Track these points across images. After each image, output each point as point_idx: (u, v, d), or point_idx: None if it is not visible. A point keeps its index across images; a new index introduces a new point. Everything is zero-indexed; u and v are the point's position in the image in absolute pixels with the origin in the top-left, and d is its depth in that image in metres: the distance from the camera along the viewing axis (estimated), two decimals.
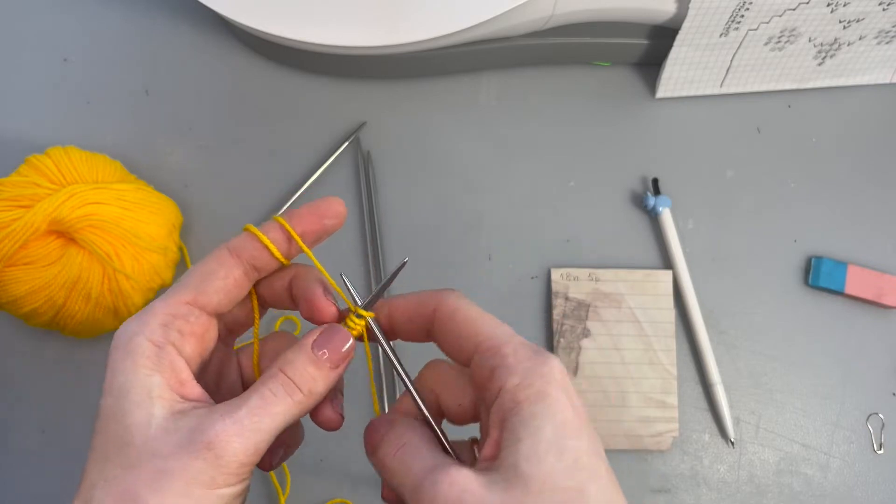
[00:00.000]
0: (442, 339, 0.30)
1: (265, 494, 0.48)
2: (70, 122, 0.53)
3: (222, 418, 0.27)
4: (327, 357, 0.30)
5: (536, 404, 0.26)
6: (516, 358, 0.27)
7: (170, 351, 0.29)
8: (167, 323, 0.29)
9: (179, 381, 0.28)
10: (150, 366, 0.28)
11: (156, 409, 0.27)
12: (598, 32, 0.52)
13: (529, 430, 0.26)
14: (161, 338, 0.29)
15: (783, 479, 0.49)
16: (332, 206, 0.32)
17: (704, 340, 0.50)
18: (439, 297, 0.30)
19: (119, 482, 0.26)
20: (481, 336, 0.29)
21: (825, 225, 0.53)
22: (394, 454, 0.29)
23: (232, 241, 0.31)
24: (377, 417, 0.31)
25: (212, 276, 0.30)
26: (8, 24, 0.55)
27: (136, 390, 0.27)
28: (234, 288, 0.31)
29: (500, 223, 0.53)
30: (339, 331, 0.30)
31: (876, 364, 0.51)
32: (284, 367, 0.29)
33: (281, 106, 0.54)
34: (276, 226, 0.31)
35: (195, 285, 0.30)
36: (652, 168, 0.54)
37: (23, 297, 0.44)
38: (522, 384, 0.27)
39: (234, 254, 0.31)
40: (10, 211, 0.43)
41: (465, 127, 0.54)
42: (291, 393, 0.29)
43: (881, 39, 0.53)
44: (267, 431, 0.28)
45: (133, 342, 0.28)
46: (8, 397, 0.49)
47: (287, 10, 0.48)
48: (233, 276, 0.31)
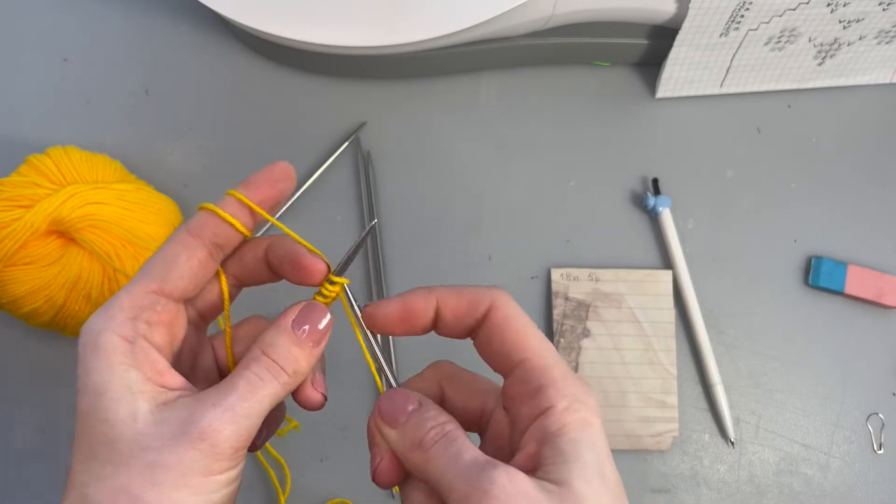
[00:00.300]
0: (486, 343, 0.30)
1: (265, 494, 0.48)
2: (70, 122, 0.53)
3: (214, 407, 0.27)
4: (307, 335, 0.29)
5: (582, 431, 0.26)
6: (565, 383, 0.27)
7: (142, 344, 0.28)
8: (135, 316, 0.28)
9: (157, 372, 0.28)
10: (125, 361, 0.27)
11: (139, 403, 0.27)
12: (598, 32, 0.52)
13: (577, 454, 0.26)
14: (130, 331, 0.28)
15: (783, 479, 0.49)
16: (282, 169, 0.32)
17: (704, 340, 0.50)
18: (492, 298, 0.29)
19: (112, 480, 0.26)
20: (530, 351, 0.28)
21: (825, 225, 0.53)
22: (433, 443, 0.27)
23: (190, 222, 0.31)
24: (398, 388, 0.30)
25: (174, 261, 0.30)
26: (8, 24, 0.55)
27: (114, 387, 0.27)
28: (199, 270, 0.30)
29: (500, 223, 0.53)
30: (316, 307, 0.30)
31: (876, 364, 0.51)
32: (267, 349, 0.29)
33: (281, 106, 0.54)
34: (232, 200, 0.31)
35: (158, 273, 0.29)
36: (652, 168, 0.54)
37: (23, 297, 0.44)
38: (570, 409, 0.27)
39: (194, 235, 0.30)
40: (10, 211, 0.43)
41: (465, 127, 0.54)
42: (277, 375, 0.29)
43: (881, 39, 0.53)
44: (257, 415, 0.28)
45: (102, 338, 0.28)
46: (8, 397, 0.49)
47: (287, 10, 0.48)
48: (196, 259, 0.30)
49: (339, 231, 0.52)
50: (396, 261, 0.51)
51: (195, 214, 0.31)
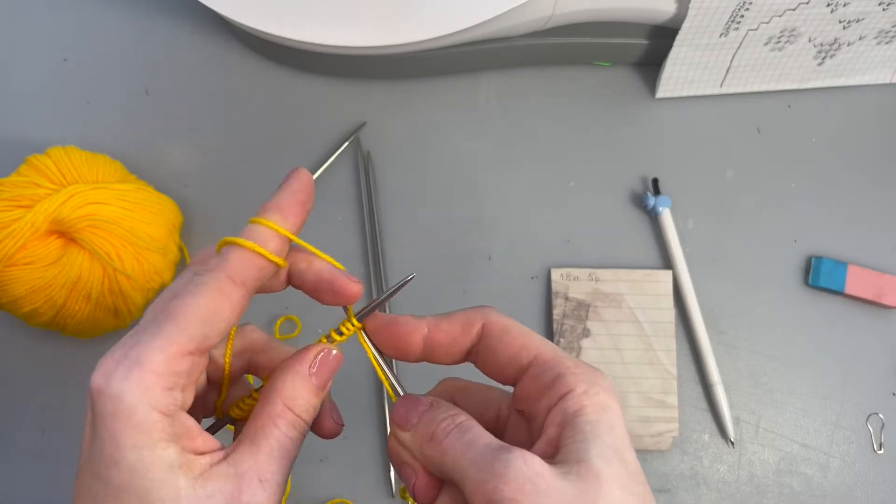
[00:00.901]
0: (491, 358, 0.30)
1: None
2: (70, 122, 0.53)
3: (261, 484, 0.26)
4: (321, 381, 0.30)
5: (601, 413, 0.26)
6: (579, 369, 0.28)
7: (181, 417, 0.26)
8: (173, 385, 0.25)
9: (191, 440, 0.26)
10: (164, 438, 0.25)
11: (180, 480, 0.25)
12: (598, 32, 0.52)
13: (597, 433, 0.26)
14: (170, 405, 0.25)
15: (783, 479, 0.49)
16: (304, 184, 0.30)
17: (704, 340, 0.50)
18: (483, 316, 0.30)
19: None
20: (538, 349, 0.29)
21: (825, 225, 0.53)
22: (446, 434, 0.27)
23: (231, 268, 0.27)
24: (407, 395, 0.30)
25: (217, 317, 0.26)
26: (8, 24, 0.55)
27: (156, 467, 0.25)
28: (236, 320, 0.28)
29: (500, 223, 0.53)
30: (333, 356, 0.30)
31: (876, 364, 0.51)
32: (289, 402, 0.28)
33: (281, 106, 0.54)
34: (271, 235, 0.28)
35: (198, 331, 0.26)
36: (652, 168, 0.54)
37: (23, 297, 0.44)
38: (588, 392, 0.27)
39: (239, 283, 0.27)
40: (11, 211, 0.43)
41: (465, 127, 0.54)
42: (300, 428, 0.29)
43: (881, 39, 0.53)
44: (289, 461, 0.28)
45: (139, 414, 0.25)
46: (8, 397, 0.49)
47: (287, 10, 0.48)
48: (239, 311, 0.27)
49: (339, 231, 0.52)
50: (396, 261, 0.51)
51: (229, 251, 0.27)
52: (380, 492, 0.48)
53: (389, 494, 0.48)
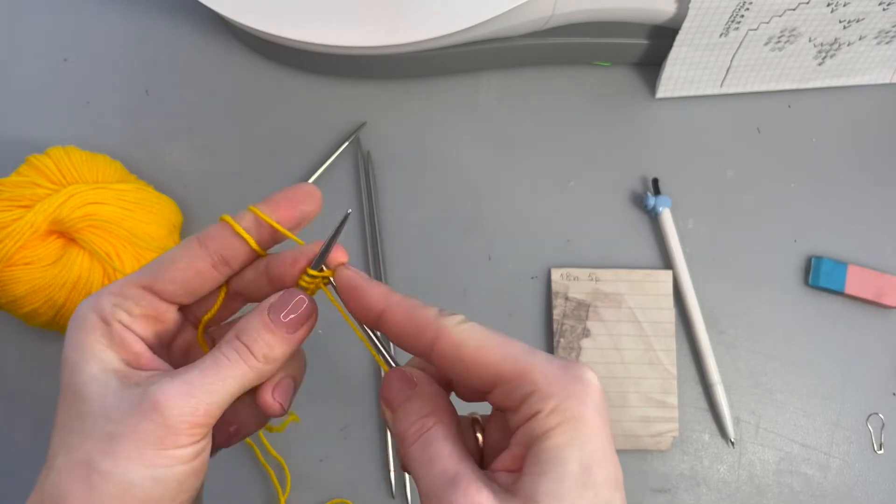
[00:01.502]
0: (448, 373, 0.28)
1: (265, 494, 0.48)
2: (70, 122, 0.53)
3: (171, 380, 0.27)
4: (284, 322, 0.29)
5: (567, 432, 0.25)
6: (547, 381, 0.26)
7: (118, 328, 0.29)
8: (116, 303, 0.29)
9: (134, 355, 0.29)
10: (102, 341, 0.28)
11: (111, 381, 0.28)
12: (598, 32, 0.52)
13: (555, 463, 0.25)
14: (109, 315, 0.29)
15: (783, 479, 0.49)
16: (307, 191, 0.31)
17: (704, 340, 0.50)
18: (436, 330, 0.28)
19: (76, 450, 0.27)
20: (500, 366, 0.26)
21: (825, 225, 0.53)
22: (413, 441, 0.27)
23: (203, 231, 0.31)
24: (395, 369, 0.30)
25: (172, 264, 0.30)
26: (8, 24, 0.55)
27: (91, 364, 0.28)
28: (193, 278, 0.30)
29: (500, 223, 0.53)
30: (293, 294, 0.30)
31: (876, 364, 0.51)
32: (239, 332, 0.29)
33: (281, 106, 0.54)
34: (250, 215, 0.31)
35: (153, 271, 0.30)
36: (652, 168, 0.54)
37: (23, 297, 0.44)
38: (557, 409, 0.25)
39: (202, 244, 0.30)
40: (11, 211, 0.43)
41: (465, 127, 0.54)
42: (245, 358, 0.29)
43: (881, 39, 0.53)
44: (218, 394, 0.28)
45: (86, 319, 0.29)
46: (8, 397, 0.49)
47: (287, 10, 0.48)
48: (194, 267, 0.30)
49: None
50: (396, 261, 0.51)
51: (215, 223, 0.31)
52: (380, 492, 0.48)
53: (389, 494, 0.48)
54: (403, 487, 0.47)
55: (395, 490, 0.47)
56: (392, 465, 0.48)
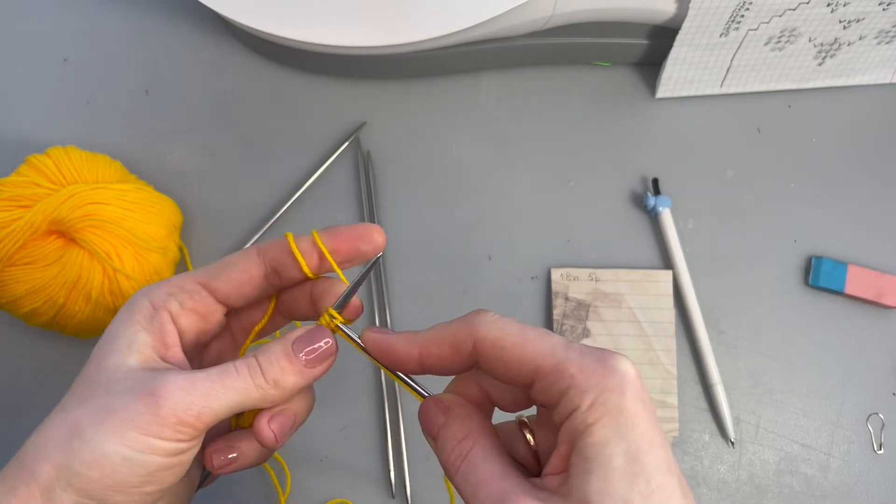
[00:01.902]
0: (492, 371, 0.28)
1: (265, 494, 0.48)
2: (70, 122, 0.53)
3: (176, 375, 0.28)
4: (304, 355, 0.30)
5: (609, 426, 0.25)
6: (584, 375, 0.26)
7: (164, 315, 0.30)
8: (172, 292, 0.31)
9: (164, 344, 0.30)
10: (142, 322, 0.30)
11: (131, 359, 0.29)
12: (598, 32, 0.52)
13: (601, 460, 0.24)
14: (160, 302, 0.31)
15: (783, 479, 0.49)
16: (370, 232, 0.32)
17: (704, 340, 0.50)
18: (473, 329, 0.28)
19: (70, 413, 0.28)
20: (538, 360, 0.27)
21: (825, 225, 0.53)
22: (456, 469, 0.28)
23: (265, 243, 0.33)
24: (428, 398, 0.30)
25: (231, 266, 0.32)
26: (8, 24, 0.55)
27: (121, 339, 0.29)
28: (247, 283, 0.32)
29: (500, 223, 0.53)
30: (323, 333, 0.31)
31: (876, 364, 0.51)
32: (259, 352, 0.30)
33: (281, 106, 0.54)
34: (310, 238, 0.32)
35: (212, 270, 0.32)
36: (652, 168, 0.54)
37: (23, 297, 0.44)
38: (595, 403, 0.25)
39: (260, 253, 0.32)
40: (10, 211, 0.43)
41: (465, 127, 0.54)
42: (254, 375, 0.29)
43: (881, 39, 0.53)
44: (216, 401, 0.28)
45: (136, 301, 0.31)
46: (8, 397, 0.49)
47: (287, 10, 0.48)
48: (249, 273, 0.32)
49: None
50: (396, 261, 0.51)
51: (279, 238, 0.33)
52: (380, 492, 0.48)
53: (389, 494, 0.48)
54: (403, 487, 0.47)
55: (395, 490, 0.47)
56: (392, 465, 0.48)
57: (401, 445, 0.48)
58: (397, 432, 0.48)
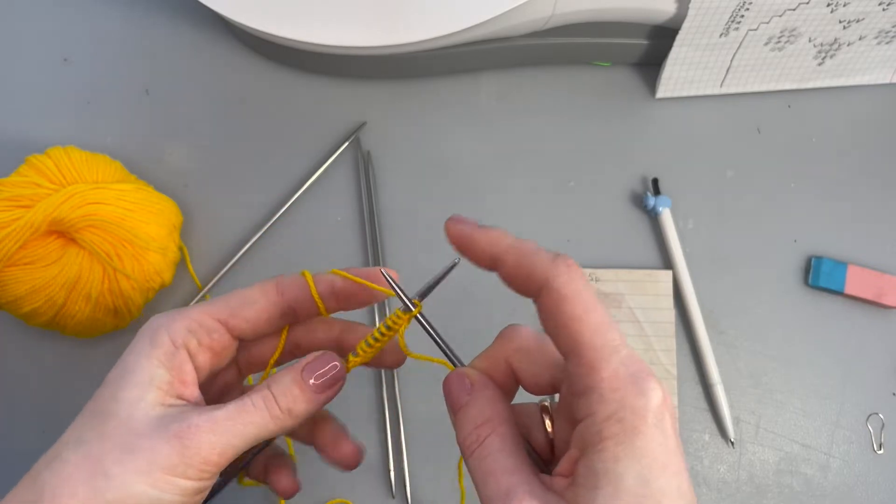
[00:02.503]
0: (544, 323, 0.27)
1: (265, 494, 0.48)
2: (70, 122, 0.53)
3: (199, 415, 0.29)
4: (314, 381, 0.31)
5: (622, 444, 0.24)
6: (611, 384, 0.25)
7: (183, 354, 0.31)
8: (192, 329, 0.31)
9: (182, 382, 0.30)
10: (161, 359, 0.30)
11: (150, 394, 0.29)
12: (598, 32, 0.52)
13: (609, 478, 0.24)
14: (180, 339, 0.31)
15: (783, 479, 0.49)
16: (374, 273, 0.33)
17: (704, 340, 0.50)
18: (553, 275, 0.26)
19: (89, 447, 0.28)
20: (582, 344, 0.25)
21: (825, 225, 0.53)
22: (470, 453, 0.28)
23: (284, 278, 0.33)
24: (454, 372, 0.30)
25: (251, 305, 0.32)
26: (8, 24, 0.55)
27: (140, 373, 0.29)
28: (265, 322, 0.33)
29: (500, 223, 0.52)
30: (330, 359, 0.32)
31: (876, 364, 0.51)
32: (271, 382, 0.31)
33: (281, 106, 0.54)
34: (328, 278, 0.33)
35: (230, 306, 0.32)
36: (652, 168, 0.54)
37: (23, 297, 0.44)
38: (613, 417, 0.24)
39: (279, 291, 0.33)
40: (10, 211, 0.43)
41: (465, 127, 0.54)
42: (270, 407, 0.30)
43: (881, 39, 0.53)
44: (238, 436, 0.29)
45: (157, 333, 0.30)
46: (8, 397, 0.49)
47: (287, 10, 0.48)
48: (268, 312, 0.33)
49: (339, 231, 0.52)
50: (397, 261, 0.51)
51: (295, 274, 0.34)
52: (380, 492, 0.48)
53: (389, 494, 0.48)
54: (403, 487, 0.47)
55: (395, 490, 0.47)
56: (392, 465, 0.48)
57: (401, 445, 0.48)
58: (397, 432, 0.48)
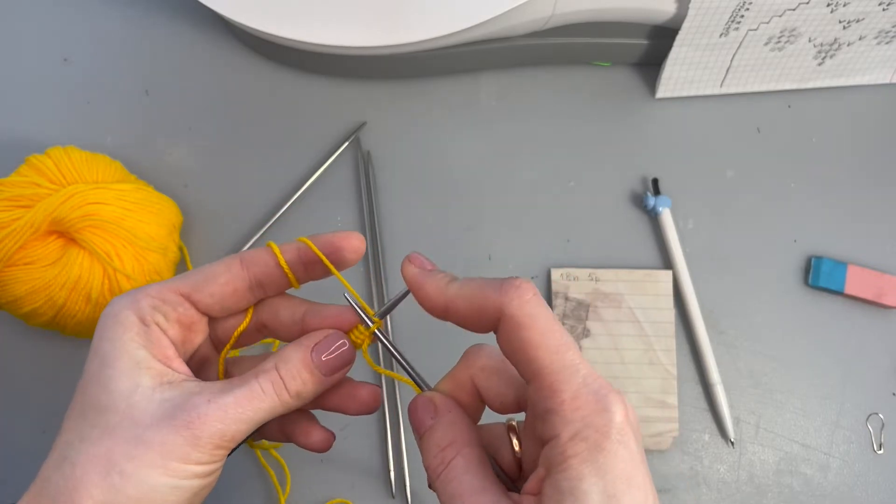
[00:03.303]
0: (503, 348, 0.28)
1: (265, 494, 0.48)
2: (70, 122, 0.53)
3: (208, 402, 0.28)
4: (324, 363, 0.30)
5: (586, 462, 0.24)
6: (573, 405, 0.25)
7: (155, 329, 0.30)
8: (155, 305, 0.30)
9: (166, 357, 0.30)
10: (137, 339, 0.29)
11: (143, 378, 0.28)
12: (598, 32, 0.52)
13: (575, 496, 0.24)
14: (148, 317, 0.30)
15: (783, 479, 0.49)
16: (352, 241, 0.32)
17: (704, 340, 0.50)
18: (505, 303, 0.27)
19: (96, 444, 0.27)
20: (542, 368, 0.26)
21: (825, 225, 0.53)
22: (436, 476, 0.28)
23: (247, 252, 0.32)
24: (419, 396, 0.30)
25: (213, 278, 0.31)
26: (8, 24, 0.55)
27: (123, 359, 0.29)
28: (230, 296, 0.31)
29: (500, 223, 0.53)
30: (340, 338, 0.31)
31: (876, 364, 0.51)
32: (279, 364, 0.30)
33: (281, 106, 0.54)
34: (294, 247, 0.32)
35: (194, 281, 0.31)
36: (652, 168, 0.54)
37: (23, 297, 0.44)
38: (577, 437, 0.24)
39: (244, 264, 0.31)
40: (11, 211, 0.43)
41: (465, 127, 0.54)
42: (279, 392, 0.30)
43: (881, 39, 0.53)
44: (248, 422, 0.29)
45: (122, 315, 0.29)
46: (8, 397, 0.49)
47: (287, 10, 0.48)
48: (233, 285, 0.31)
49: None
50: (396, 261, 0.51)
51: (259, 247, 0.32)
52: (380, 492, 0.48)
53: (389, 494, 0.48)
54: (403, 488, 0.47)
55: (395, 490, 0.47)
56: (392, 465, 0.48)
57: (401, 445, 0.48)
58: (397, 432, 0.48)
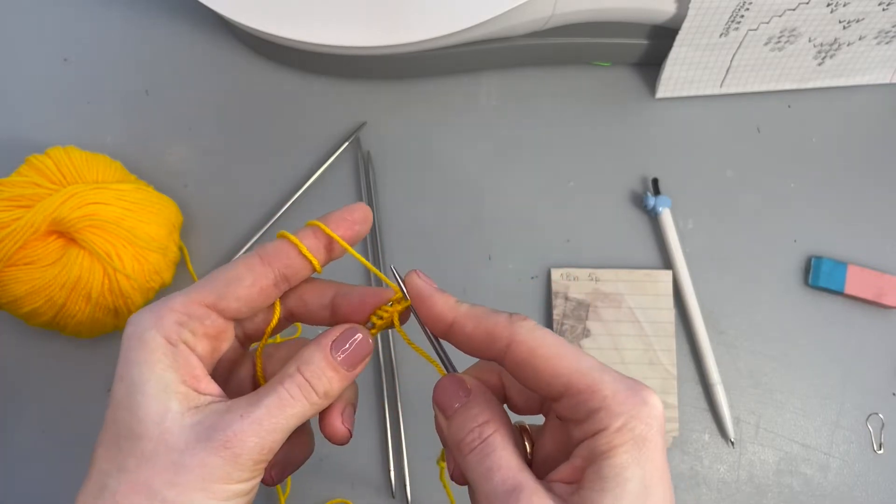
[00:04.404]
0: (518, 375, 0.28)
1: (265, 494, 0.48)
2: (70, 122, 0.53)
3: (241, 418, 0.28)
4: (344, 358, 0.30)
5: (632, 452, 0.26)
6: (617, 399, 0.26)
7: (183, 349, 0.29)
8: (182, 322, 0.29)
9: (194, 378, 0.29)
10: (164, 361, 0.28)
11: (172, 403, 0.28)
12: (598, 32, 0.52)
13: (618, 481, 0.25)
14: (175, 335, 0.29)
15: (783, 479, 0.49)
16: (361, 211, 0.32)
17: (704, 340, 0.50)
18: (514, 330, 0.28)
19: (134, 474, 0.27)
20: (572, 377, 0.27)
21: (825, 225, 0.53)
22: (470, 450, 0.28)
23: (265, 247, 0.31)
24: (448, 376, 0.30)
25: (238, 282, 0.30)
26: (8, 24, 0.55)
27: (151, 384, 0.28)
28: (258, 296, 0.31)
29: (500, 223, 0.53)
30: (356, 332, 0.31)
31: (876, 364, 0.51)
32: (302, 367, 0.29)
33: (281, 106, 0.54)
34: (309, 232, 0.31)
35: (218, 289, 0.30)
36: (652, 168, 0.54)
37: (23, 297, 0.44)
38: (624, 428, 0.26)
39: (265, 261, 0.30)
40: (11, 211, 0.43)
41: (465, 127, 0.54)
42: (308, 395, 0.29)
43: (881, 39, 0.53)
44: (282, 431, 0.29)
45: (147, 336, 0.28)
46: (8, 397, 0.49)
47: (287, 10, 0.48)
48: (258, 285, 0.30)
49: None
50: (396, 261, 0.51)
51: (273, 240, 0.31)
52: (380, 492, 0.48)
53: (389, 494, 0.48)
54: (403, 488, 0.47)
55: (395, 490, 0.47)
56: (392, 465, 0.48)
57: (401, 445, 0.48)
58: (397, 432, 0.48)
